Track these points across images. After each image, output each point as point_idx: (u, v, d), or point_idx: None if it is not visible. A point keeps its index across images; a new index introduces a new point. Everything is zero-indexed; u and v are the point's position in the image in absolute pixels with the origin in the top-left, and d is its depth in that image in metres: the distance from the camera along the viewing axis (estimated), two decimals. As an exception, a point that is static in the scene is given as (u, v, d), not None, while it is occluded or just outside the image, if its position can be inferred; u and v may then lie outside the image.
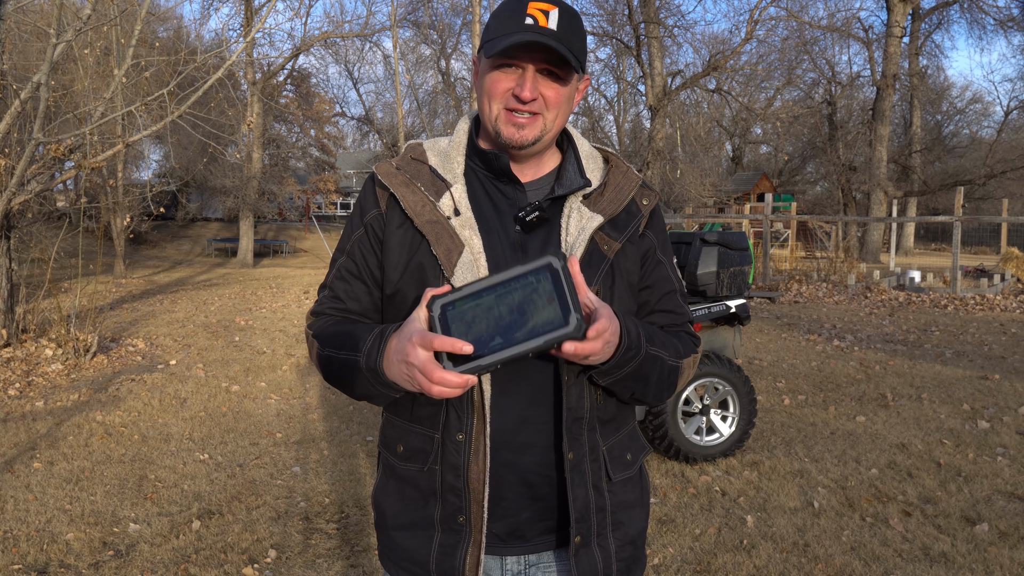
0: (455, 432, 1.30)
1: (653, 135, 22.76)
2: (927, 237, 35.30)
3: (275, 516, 3.90)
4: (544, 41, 1.25)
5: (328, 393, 6.49)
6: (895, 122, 32.12)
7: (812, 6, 43.11)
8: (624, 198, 1.38)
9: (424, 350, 1.09)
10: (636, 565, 1.43)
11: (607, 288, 1.34)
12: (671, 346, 1.36)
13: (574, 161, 1.41)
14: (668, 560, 3.41)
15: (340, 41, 26.10)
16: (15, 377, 6.72)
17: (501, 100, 1.31)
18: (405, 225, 1.35)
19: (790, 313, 11.36)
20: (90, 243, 16.54)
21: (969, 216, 17.75)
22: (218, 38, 22.92)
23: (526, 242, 1.35)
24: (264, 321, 10.48)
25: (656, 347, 1.30)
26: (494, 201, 1.38)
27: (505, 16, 1.30)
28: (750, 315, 4.88)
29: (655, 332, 1.34)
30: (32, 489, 4.22)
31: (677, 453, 4.56)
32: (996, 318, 10.80)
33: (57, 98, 8.95)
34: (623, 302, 1.36)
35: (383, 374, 1.20)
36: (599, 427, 1.35)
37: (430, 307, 1.09)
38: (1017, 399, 6.16)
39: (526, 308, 1.08)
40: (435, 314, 1.08)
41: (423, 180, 1.37)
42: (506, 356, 1.05)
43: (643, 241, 1.41)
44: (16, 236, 8.19)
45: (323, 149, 33.59)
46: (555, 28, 1.27)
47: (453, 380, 1.08)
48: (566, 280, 1.08)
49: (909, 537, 3.63)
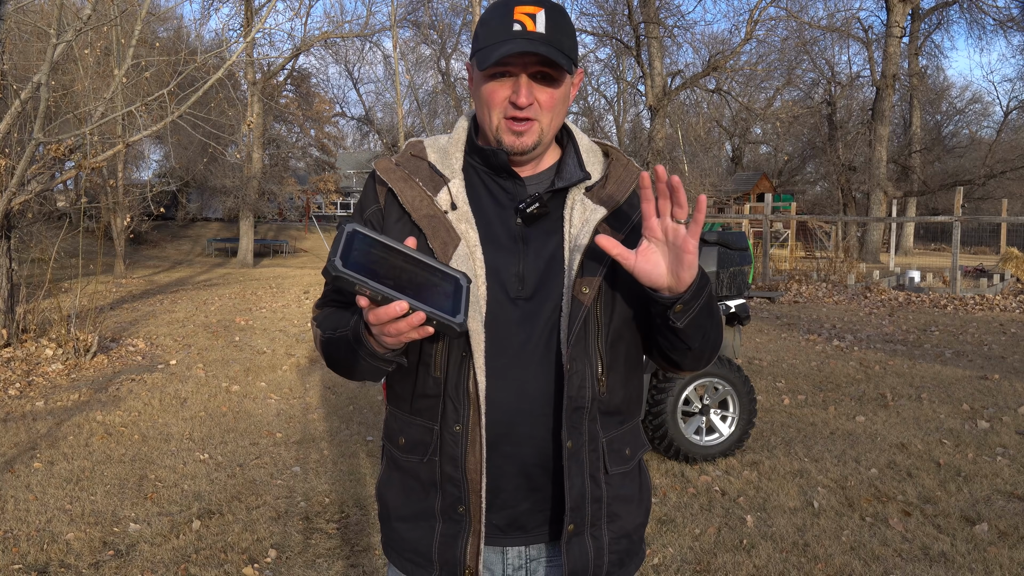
0: (452, 424, 1.32)
1: (653, 135, 22.77)
2: (927, 237, 35.30)
3: (275, 516, 3.90)
4: (534, 49, 1.25)
5: (328, 393, 6.49)
6: (895, 122, 32.12)
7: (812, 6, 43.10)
8: (626, 190, 1.39)
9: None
10: (630, 559, 1.44)
11: (610, 283, 1.34)
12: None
13: (574, 155, 1.42)
14: (668, 560, 3.41)
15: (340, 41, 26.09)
16: (15, 377, 6.72)
17: (500, 109, 1.32)
18: (403, 219, 1.36)
19: (790, 313, 11.36)
20: (90, 243, 16.54)
21: (969, 216, 17.76)
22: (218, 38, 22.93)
23: (527, 234, 1.36)
24: (264, 321, 10.48)
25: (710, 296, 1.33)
26: (494, 195, 1.39)
27: (493, 24, 1.30)
28: (750, 315, 4.88)
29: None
30: (32, 489, 4.23)
31: (677, 453, 4.57)
32: (996, 318, 10.80)
33: (57, 98, 8.95)
34: (627, 294, 1.37)
35: (366, 341, 1.22)
36: (600, 418, 1.36)
37: (344, 224, 1.11)
38: (1017, 399, 6.16)
39: (427, 285, 1.14)
40: (346, 228, 1.10)
41: (421, 176, 1.39)
42: (388, 293, 1.08)
43: None
44: (16, 236, 8.19)
45: (323, 149, 33.59)
46: (543, 31, 1.28)
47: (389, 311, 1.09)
48: (466, 296, 1.16)
49: (909, 537, 3.64)
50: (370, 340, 1.21)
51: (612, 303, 1.35)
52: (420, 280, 1.14)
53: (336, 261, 1.07)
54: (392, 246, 1.15)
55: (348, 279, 1.07)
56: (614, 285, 1.35)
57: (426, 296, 1.13)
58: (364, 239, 1.12)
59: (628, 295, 1.37)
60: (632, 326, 1.39)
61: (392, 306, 1.09)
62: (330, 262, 1.07)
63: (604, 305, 1.34)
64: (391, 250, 1.14)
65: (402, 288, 1.11)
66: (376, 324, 1.13)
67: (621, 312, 1.36)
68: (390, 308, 1.09)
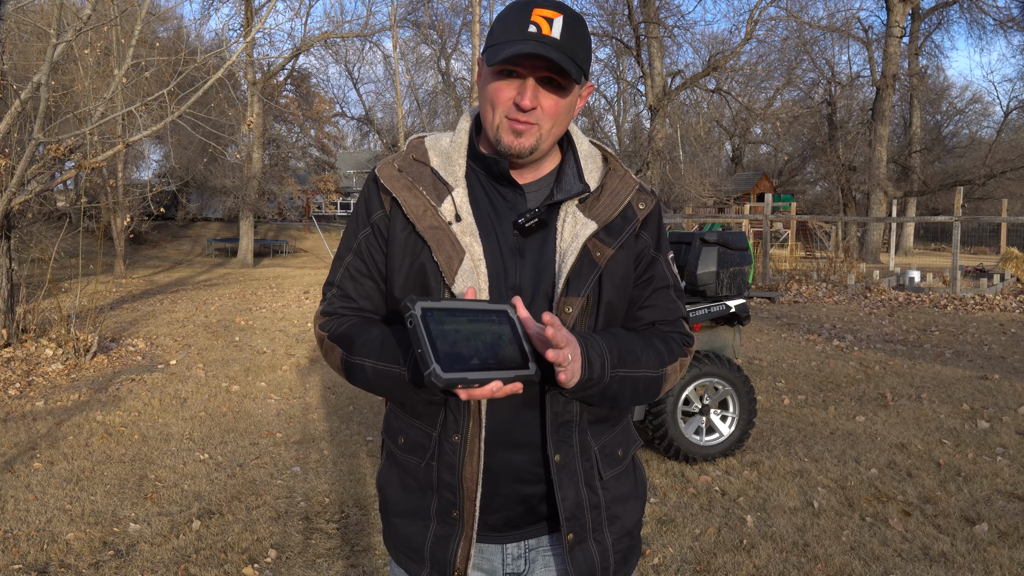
0: (452, 433, 1.33)
1: (653, 135, 22.76)
2: (927, 237, 35.31)
3: (275, 516, 3.90)
4: (546, 53, 1.24)
5: (328, 393, 6.49)
6: (895, 122, 32.13)
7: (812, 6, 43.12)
8: (620, 203, 1.38)
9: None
10: (632, 554, 1.46)
11: (595, 297, 1.34)
12: (654, 356, 1.36)
13: (573, 164, 1.41)
14: (668, 560, 3.41)
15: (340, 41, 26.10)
16: (15, 377, 6.72)
17: (503, 108, 1.31)
18: (408, 229, 1.35)
19: (790, 313, 11.36)
20: (90, 243, 16.54)
21: (969, 216, 17.76)
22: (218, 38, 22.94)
23: (523, 246, 1.35)
24: (264, 321, 10.48)
25: (629, 367, 1.31)
26: (494, 204, 1.39)
27: (509, 22, 1.29)
28: (750, 315, 4.88)
29: (634, 346, 1.34)
30: (32, 489, 4.23)
31: (677, 453, 4.56)
32: (996, 318, 10.80)
33: (57, 98, 8.95)
34: (611, 311, 1.37)
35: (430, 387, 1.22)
36: (590, 427, 1.37)
37: (410, 305, 1.09)
38: (1017, 399, 6.16)
39: (496, 342, 1.15)
40: (416, 313, 1.09)
41: (425, 183, 1.37)
42: (485, 377, 1.10)
43: (638, 242, 1.41)
44: (16, 236, 8.19)
45: (323, 149, 33.60)
46: (558, 37, 1.26)
47: (483, 393, 1.12)
48: (521, 329, 1.20)
49: (909, 537, 3.64)
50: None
51: (596, 316, 1.35)
52: (490, 338, 1.15)
53: (436, 369, 1.05)
54: (456, 308, 1.14)
55: (454, 383, 1.07)
56: (600, 299, 1.35)
57: (501, 355, 1.15)
58: (435, 316, 1.11)
59: (614, 307, 1.37)
60: None
61: (487, 388, 1.11)
62: (433, 372, 1.05)
63: (588, 319, 1.34)
64: (456, 314, 1.14)
65: (484, 360, 1.12)
66: (469, 399, 1.16)
67: (604, 325, 1.37)
68: (485, 391, 1.11)
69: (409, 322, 1.09)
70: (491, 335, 1.15)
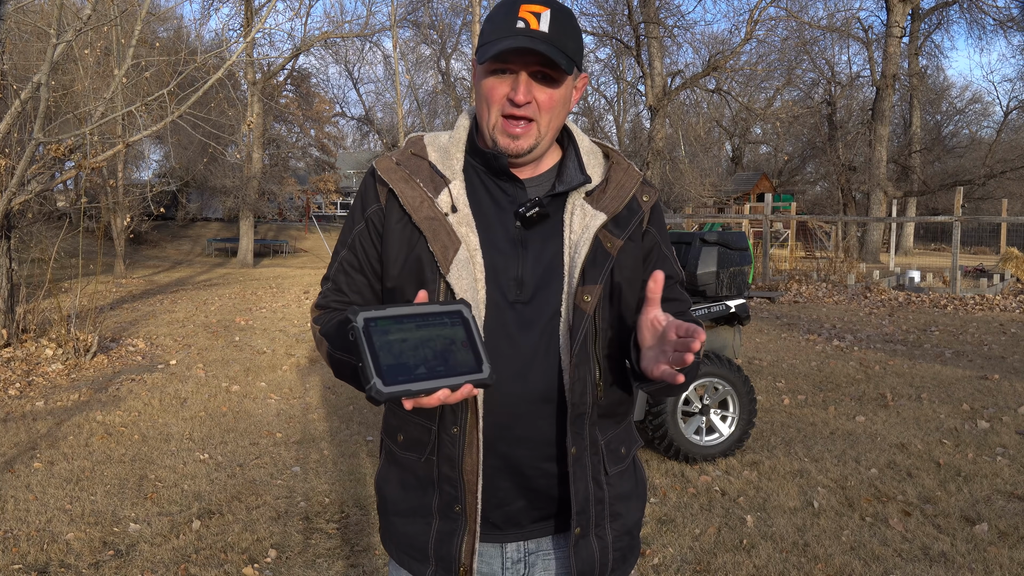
0: (450, 426, 1.33)
1: (653, 135, 22.76)
2: (927, 237, 35.30)
3: (275, 516, 3.90)
4: (534, 47, 1.25)
5: (328, 393, 6.49)
6: (895, 122, 32.12)
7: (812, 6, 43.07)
8: (626, 195, 1.39)
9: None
10: (631, 554, 1.47)
11: (609, 286, 1.35)
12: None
13: (575, 158, 1.42)
14: (668, 560, 3.41)
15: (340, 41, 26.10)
16: (15, 377, 6.72)
17: (498, 106, 1.32)
18: (403, 220, 1.36)
19: (790, 313, 11.36)
20: (90, 243, 16.54)
21: (969, 216, 17.76)
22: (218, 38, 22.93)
23: (526, 238, 1.36)
24: (264, 321, 10.48)
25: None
26: (494, 197, 1.39)
27: (498, 20, 1.31)
28: (750, 315, 4.88)
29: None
30: (32, 489, 4.23)
31: (677, 453, 4.56)
32: (996, 318, 10.80)
33: (57, 98, 8.96)
34: (625, 299, 1.38)
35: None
36: (599, 422, 1.38)
37: (352, 317, 1.08)
38: (1017, 399, 6.16)
39: (446, 348, 1.13)
40: (359, 325, 1.07)
41: (422, 176, 1.38)
42: (431, 387, 1.08)
43: (647, 238, 1.42)
44: (16, 236, 8.19)
45: (323, 149, 33.59)
46: (547, 30, 1.27)
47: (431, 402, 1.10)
48: (475, 329, 1.16)
49: (909, 537, 3.64)
50: None
51: (607, 309, 1.36)
52: (440, 344, 1.13)
53: (377, 383, 1.04)
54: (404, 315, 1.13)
55: (396, 396, 1.06)
56: (612, 289, 1.35)
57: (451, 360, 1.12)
58: (379, 325, 1.09)
59: (622, 301, 1.38)
60: (628, 328, 1.39)
61: (434, 397, 1.09)
62: (373, 387, 1.04)
63: (602, 311, 1.35)
64: (403, 320, 1.12)
65: (432, 368, 1.10)
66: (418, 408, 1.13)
67: (615, 317, 1.37)
68: (432, 400, 1.10)
69: (351, 335, 1.07)
70: (442, 340, 1.13)
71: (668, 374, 1.16)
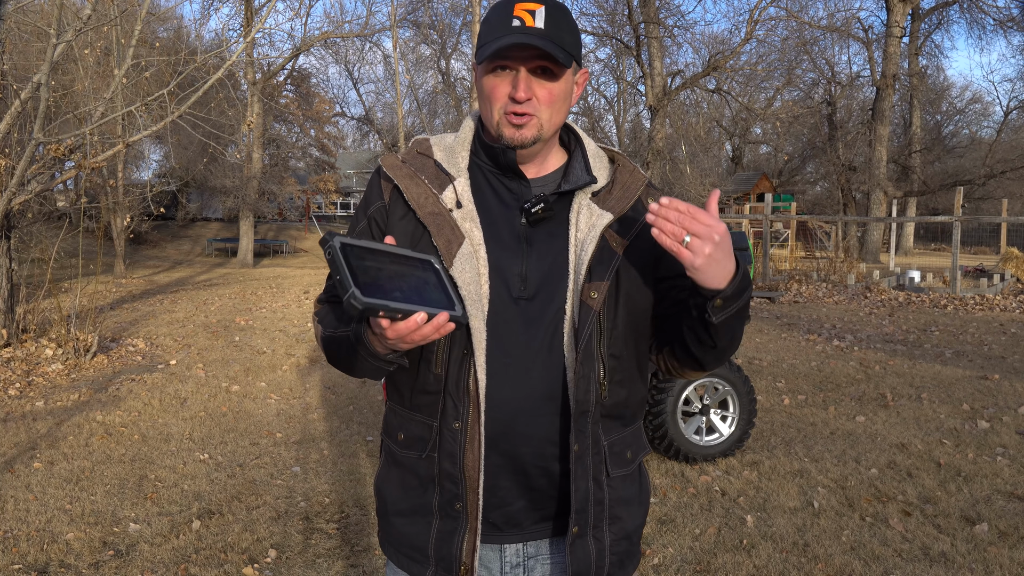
0: (452, 421, 1.33)
1: (653, 135, 22.76)
2: (927, 237, 35.30)
3: (275, 516, 3.90)
4: (531, 42, 1.27)
5: (328, 393, 6.49)
6: (895, 122, 32.10)
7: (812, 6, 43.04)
8: (632, 196, 1.40)
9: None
10: (629, 560, 1.46)
11: (615, 285, 1.35)
12: None
13: (581, 159, 1.43)
14: (668, 560, 3.41)
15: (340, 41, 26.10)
16: (15, 377, 6.72)
17: (500, 103, 1.33)
18: (408, 216, 1.37)
19: (790, 313, 11.36)
20: (90, 243, 16.54)
21: (969, 216, 17.76)
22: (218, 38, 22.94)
23: (531, 235, 1.36)
24: (264, 321, 10.48)
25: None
26: (499, 195, 1.40)
27: (494, 21, 1.32)
28: (750, 315, 4.88)
29: None
30: (32, 489, 4.23)
31: (677, 453, 4.56)
32: (996, 318, 10.80)
33: (57, 98, 8.95)
34: (632, 299, 1.37)
35: (369, 344, 1.23)
36: (602, 422, 1.37)
37: (328, 238, 1.08)
38: (1017, 399, 6.16)
39: (420, 285, 1.15)
40: (335, 245, 1.08)
41: (427, 173, 1.40)
42: (408, 308, 1.09)
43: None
44: (16, 236, 8.19)
45: (323, 149, 33.59)
46: (542, 27, 1.29)
47: (409, 325, 1.11)
48: (447, 279, 1.20)
49: (909, 537, 3.64)
50: (372, 341, 1.22)
51: (615, 307, 1.35)
52: (414, 281, 1.14)
53: (356, 292, 1.04)
54: (378, 249, 1.14)
55: (374, 307, 1.06)
56: (618, 289, 1.35)
57: (425, 295, 1.13)
58: (355, 250, 1.10)
59: (633, 298, 1.37)
60: (635, 329, 1.39)
61: (411, 320, 1.10)
62: (351, 295, 1.04)
63: (608, 309, 1.34)
64: (377, 253, 1.14)
65: (407, 295, 1.11)
66: (396, 338, 1.14)
67: (624, 316, 1.36)
68: (409, 322, 1.10)
69: (328, 254, 1.08)
70: (415, 279, 1.15)
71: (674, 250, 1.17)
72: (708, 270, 1.18)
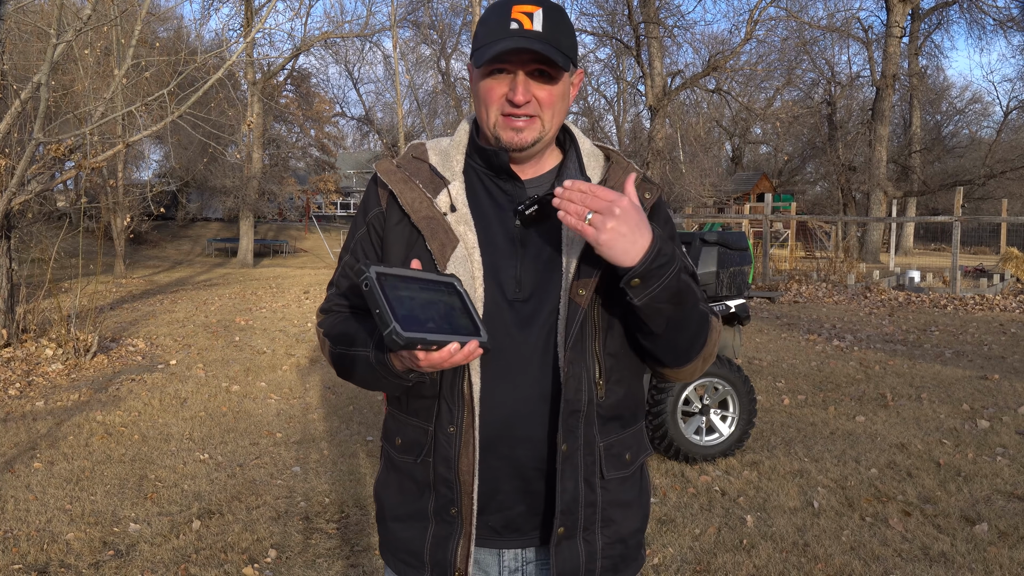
0: (447, 425, 1.32)
1: (653, 135, 22.76)
2: (927, 237, 35.29)
3: (275, 516, 3.90)
4: (530, 46, 1.26)
5: (328, 393, 6.49)
6: (895, 122, 32.11)
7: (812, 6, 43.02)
8: None
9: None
10: (626, 564, 1.43)
11: (609, 282, 1.34)
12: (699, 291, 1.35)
13: (575, 159, 1.43)
14: (668, 560, 3.41)
15: (340, 41, 26.10)
16: (15, 377, 6.72)
17: (497, 106, 1.33)
18: (403, 221, 1.37)
19: (790, 313, 11.36)
20: (90, 243, 16.54)
21: (969, 216, 17.76)
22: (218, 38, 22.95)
23: (525, 237, 1.36)
24: (264, 321, 10.48)
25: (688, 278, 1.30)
26: (493, 197, 1.39)
27: (491, 23, 1.32)
28: (750, 315, 4.88)
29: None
30: (32, 489, 4.23)
31: (677, 453, 4.57)
32: (996, 318, 10.80)
33: (57, 98, 8.96)
34: (623, 302, 1.36)
35: (391, 365, 1.23)
36: (597, 423, 1.35)
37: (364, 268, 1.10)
38: (1017, 399, 6.16)
39: (448, 311, 1.16)
40: (372, 276, 1.09)
41: (422, 178, 1.40)
42: (443, 339, 1.11)
43: None
44: (16, 236, 8.19)
45: (323, 149, 33.59)
46: (540, 29, 1.29)
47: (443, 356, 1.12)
48: (469, 300, 1.21)
49: (909, 537, 3.64)
50: (393, 362, 1.22)
51: (611, 306, 1.35)
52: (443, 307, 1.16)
53: (396, 327, 1.05)
54: (409, 276, 1.16)
55: (414, 342, 1.07)
56: (612, 288, 1.33)
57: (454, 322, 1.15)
58: (390, 281, 1.12)
59: (624, 300, 1.36)
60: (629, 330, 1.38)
61: (445, 350, 1.11)
62: (392, 330, 1.05)
63: (602, 308, 1.34)
64: (409, 280, 1.15)
65: (439, 325, 1.13)
66: (428, 366, 1.14)
67: (621, 314, 1.35)
68: (443, 352, 1.11)
69: (365, 284, 1.09)
70: (444, 305, 1.16)
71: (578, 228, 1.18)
72: (615, 244, 1.18)
